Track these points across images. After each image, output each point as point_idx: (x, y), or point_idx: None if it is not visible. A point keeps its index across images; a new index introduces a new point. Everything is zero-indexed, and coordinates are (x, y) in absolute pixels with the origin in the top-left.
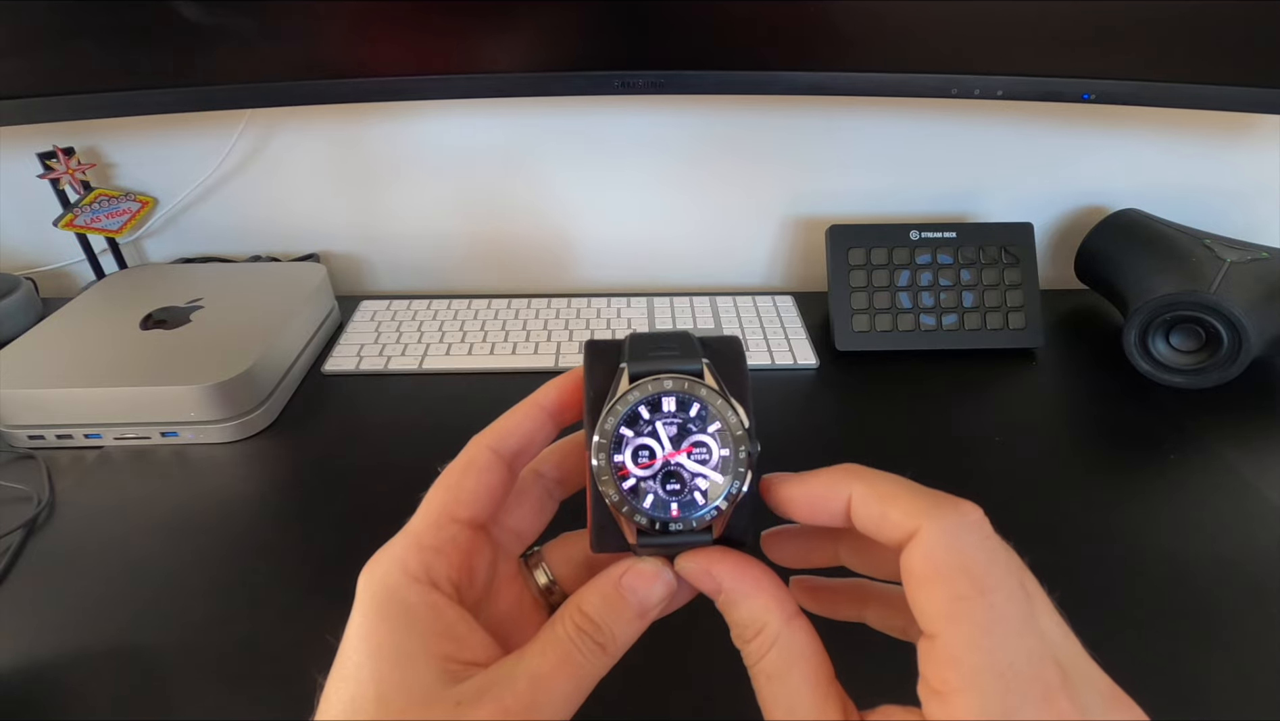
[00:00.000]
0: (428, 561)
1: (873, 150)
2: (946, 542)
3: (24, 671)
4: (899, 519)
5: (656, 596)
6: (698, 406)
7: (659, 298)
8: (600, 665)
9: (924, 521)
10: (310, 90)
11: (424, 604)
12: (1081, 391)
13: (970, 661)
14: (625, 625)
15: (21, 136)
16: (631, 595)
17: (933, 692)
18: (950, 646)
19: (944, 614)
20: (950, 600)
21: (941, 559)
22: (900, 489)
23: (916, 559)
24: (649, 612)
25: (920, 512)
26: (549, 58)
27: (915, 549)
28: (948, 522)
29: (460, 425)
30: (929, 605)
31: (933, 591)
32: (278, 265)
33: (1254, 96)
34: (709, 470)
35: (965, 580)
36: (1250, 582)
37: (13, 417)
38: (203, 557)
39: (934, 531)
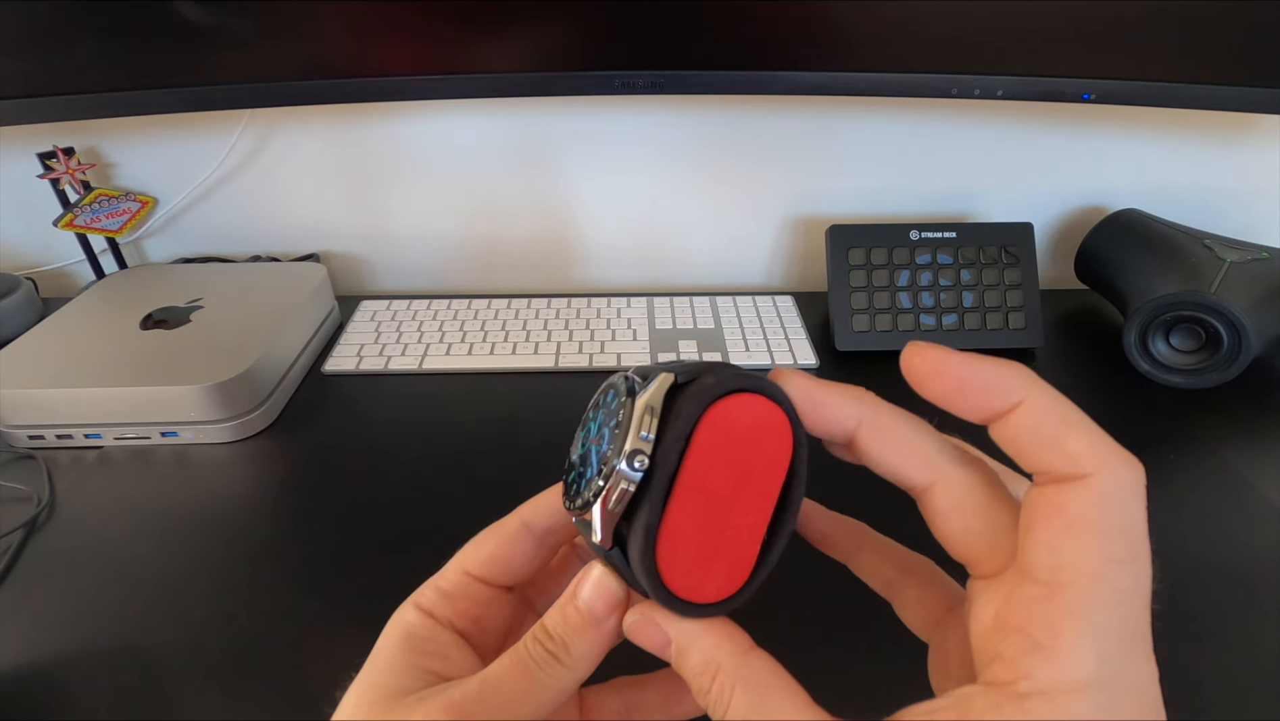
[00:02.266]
0: (435, 600)
1: (873, 150)
2: (1119, 500)
3: (24, 671)
4: (1079, 452)
5: (604, 603)
6: (616, 404)
7: (659, 298)
8: (557, 677)
9: (1102, 468)
10: (310, 90)
11: (421, 625)
12: (1081, 391)
13: (1100, 621)
14: (579, 636)
15: (21, 136)
16: (582, 603)
17: (1033, 645)
18: (1083, 601)
19: (1090, 570)
20: (1103, 559)
21: (1109, 516)
22: (1081, 417)
23: (1081, 504)
24: (601, 622)
25: (1101, 456)
26: (549, 58)
27: (1084, 495)
28: (1125, 478)
29: (460, 425)
30: (1074, 556)
31: (1087, 544)
32: (278, 265)
33: (1254, 96)
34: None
35: (1123, 544)
36: (1250, 582)
37: (13, 417)
38: (203, 557)
39: (1111, 484)
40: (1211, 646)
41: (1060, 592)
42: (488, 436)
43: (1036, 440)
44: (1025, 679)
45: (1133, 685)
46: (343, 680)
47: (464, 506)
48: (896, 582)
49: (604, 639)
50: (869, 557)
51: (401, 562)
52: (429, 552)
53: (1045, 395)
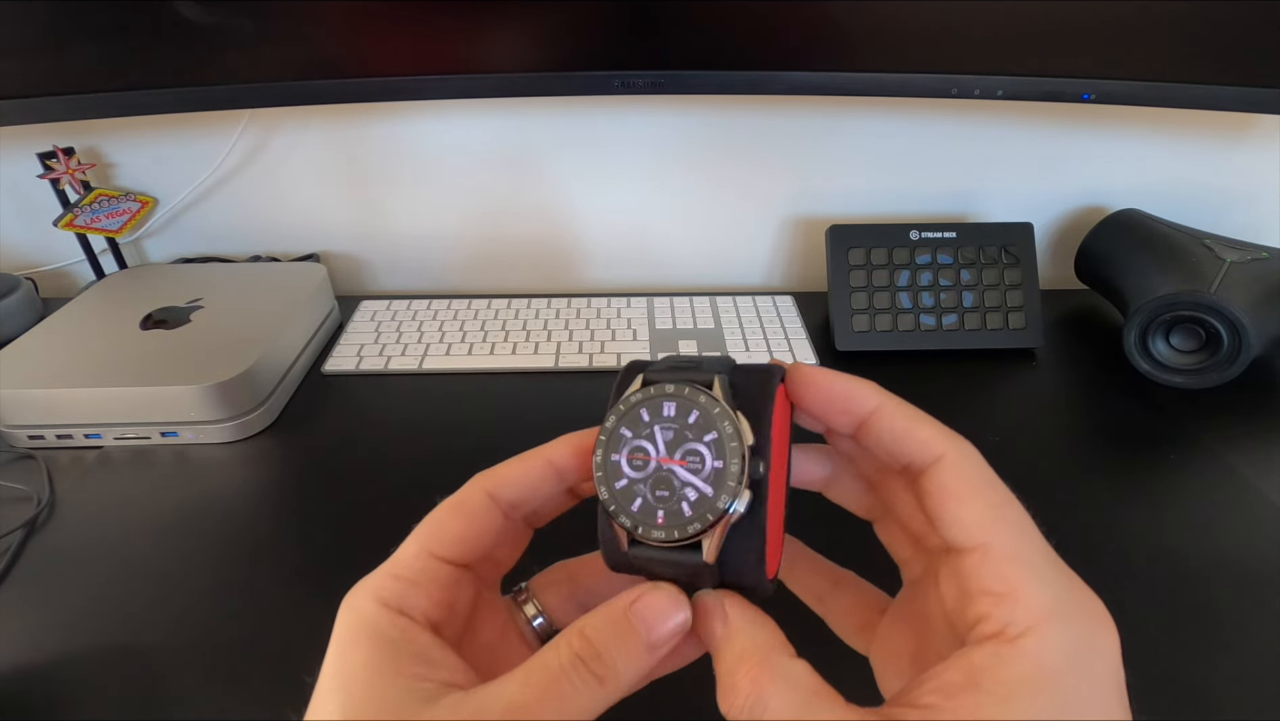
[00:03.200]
0: (402, 591)
1: (873, 150)
2: (972, 462)
3: (24, 671)
4: (929, 438)
5: (669, 629)
6: (696, 414)
7: (659, 298)
8: (593, 700)
9: (950, 446)
10: (310, 90)
11: (395, 627)
12: (1081, 391)
13: (1027, 555)
14: (630, 657)
15: (21, 136)
16: (641, 623)
17: (997, 597)
18: (1005, 547)
19: (990, 520)
20: (992, 507)
21: (975, 476)
22: (923, 413)
23: (952, 477)
24: (658, 647)
25: (945, 437)
26: (549, 57)
27: (948, 469)
28: (967, 448)
29: (460, 425)
30: (972, 516)
31: (974, 504)
32: (278, 265)
33: (1254, 96)
34: (698, 480)
35: (996, 491)
36: (1250, 582)
37: (13, 417)
38: (203, 557)
39: (962, 452)
40: (1212, 646)
41: (989, 548)
42: (488, 436)
43: (894, 437)
44: (1009, 625)
45: (1082, 600)
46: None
47: None
48: (827, 594)
49: (651, 663)
50: (801, 571)
51: None
52: None
53: (894, 400)
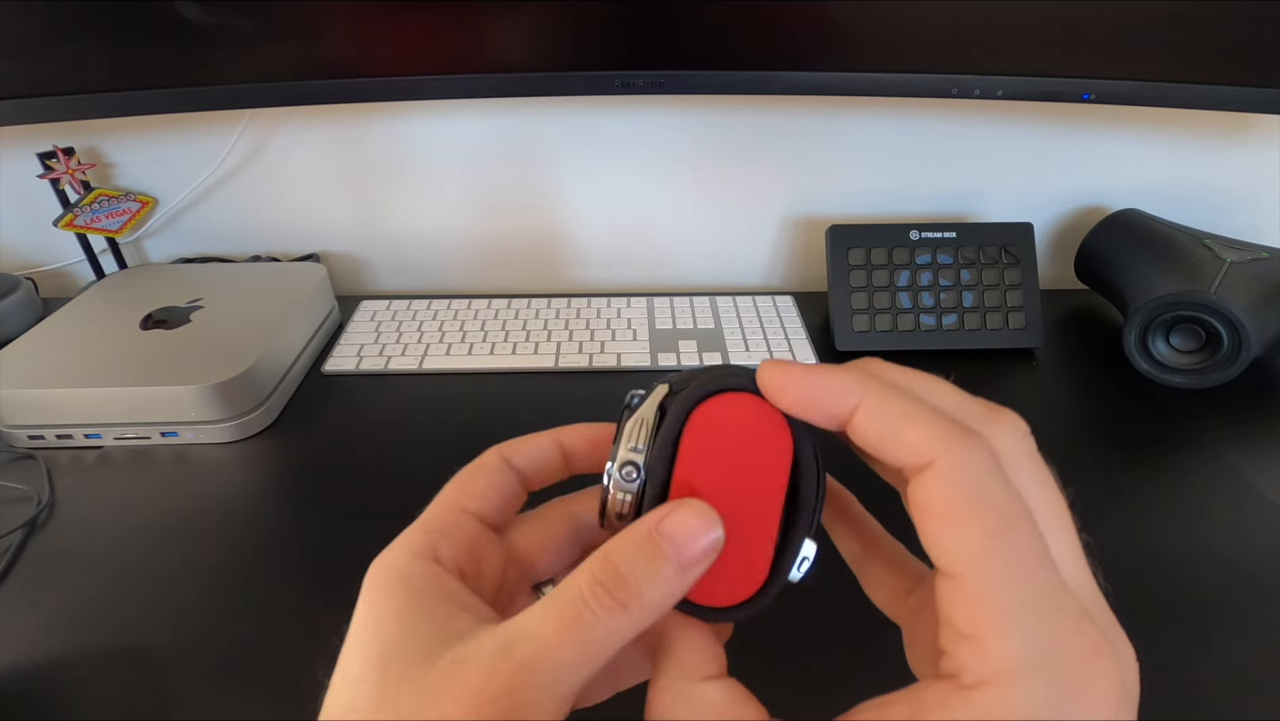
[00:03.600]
0: (432, 541)
1: (873, 150)
2: (968, 476)
3: (24, 671)
4: (916, 443)
5: (700, 548)
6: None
7: (659, 298)
8: (617, 628)
9: (942, 451)
10: (310, 90)
11: (425, 574)
12: (1081, 391)
13: (1007, 597)
14: (656, 580)
15: (21, 136)
16: (670, 544)
17: (960, 636)
18: (982, 583)
19: (972, 552)
20: (978, 537)
21: (965, 494)
22: (916, 408)
23: (937, 493)
24: (690, 569)
25: (939, 440)
26: (549, 57)
27: (935, 482)
28: (967, 455)
29: (460, 425)
30: (954, 543)
31: (959, 528)
32: (278, 265)
33: (1254, 96)
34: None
35: (991, 516)
36: (1250, 582)
37: (13, 417)
38: (203, 557)
39: (953, 463)
40: (1212, 646)
41: (962, 582)
42: (488, 436)
43: (880, 439)
44: (965, 670)
45: (1069, 658)
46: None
47: None
48: (862, 559)
49: (683, 586)
50: (844, 529)
51: None
52: None
53: (880, 394)
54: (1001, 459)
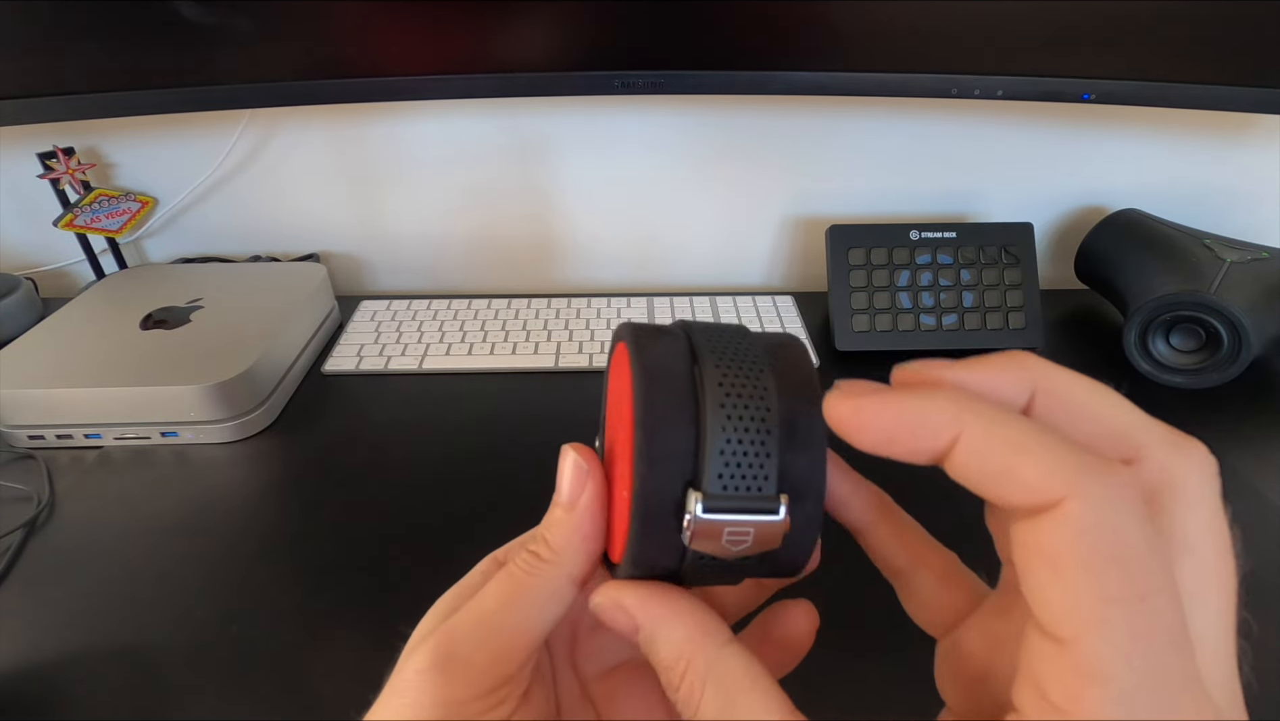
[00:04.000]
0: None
1: (873, 150)
2: (1101, 523)
3: (24, 671)
4: (1036, 479)
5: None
6: None
7: (659, 298)
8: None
9: (1073, 492)
10: (310, 90)
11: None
12: None
13: (1117, 683)
14: (552, 525)
15: (21, 136)
16: (557, 491)
17: (1049, 705)
18: (1091, 658)
19: (1088, 617)
20: (1099, 601)
21: (1092, 548)
22: (1034, 436)
23: (1057, 539)
24: (572, 505)
25: (1068, 476)
26: (549, 57)
27: (1056, 526)
28: (1103, 496)
29: (460, 425)
30: (1066, 601)
31: (1077, 584)
32: (278, 265)
33: (1254, 96)
34: None
35: (1121, 577)
36: (1249, 583)
37: (13, 417)
38: (203, 557)
39: (1085, 509)
40: None
41: (1067, 650)
42: (487, 436)
43: (987, 476)
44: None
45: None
46: (339, 677)
47: (464, 506)
48: (906, 572)
49: (579, 522)
50: (884, 534)
51: (401, 562)
52: (429, 552)
53: (982, 421)
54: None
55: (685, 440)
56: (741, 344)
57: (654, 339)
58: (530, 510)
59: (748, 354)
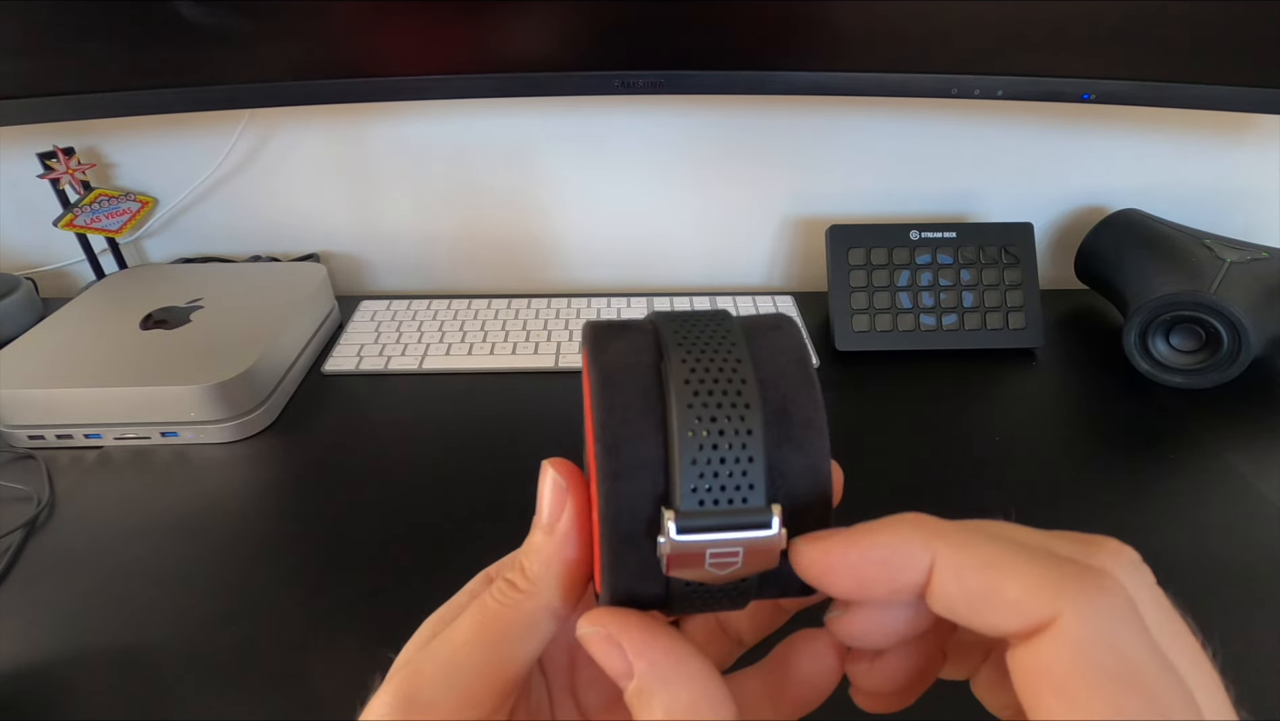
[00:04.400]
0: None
1: (873, 150)
2: (1102, 637)
3: (24, 671)
4: (1023, 597)
5: (546, 501)
6: None
7: (659, 298)
8: (519, 607)
9: (1065, 606)
10: (310, 90)
11: (469, 590)
12: (1081, 391)
13: None
14: (529, 551)
15: (21, 136)
16: (537, 512)
17: None
18: None
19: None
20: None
21: (1098, 665)
22: (1010, 551)
23: (1059, 661)
24: (551, 527)
25: (1056, 589)
26: (549, 57)
27: (1056, 648)
28: (1100, 605)
29: (460, 425)
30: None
31: (1087, 703)
32: (278, 265)
33: (1254, 96)
34: None
35: (1132, 691)
36: (1249, 583)
37: (13, 417)
38: (203, 557)
39: (1082, 623)
40: (1211, 646)
41: None
42: (488, 436)
43: (971, 602)
44: None
45: None
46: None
47: (464, 506)
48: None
49: (561, 547)
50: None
51: (401, 562)
52: (429, 552)
53: (953, 543)
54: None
55: (653, 449)
56: (717, 330)
57: (615, 335)
58: (530, 511)
59: (723, 341)
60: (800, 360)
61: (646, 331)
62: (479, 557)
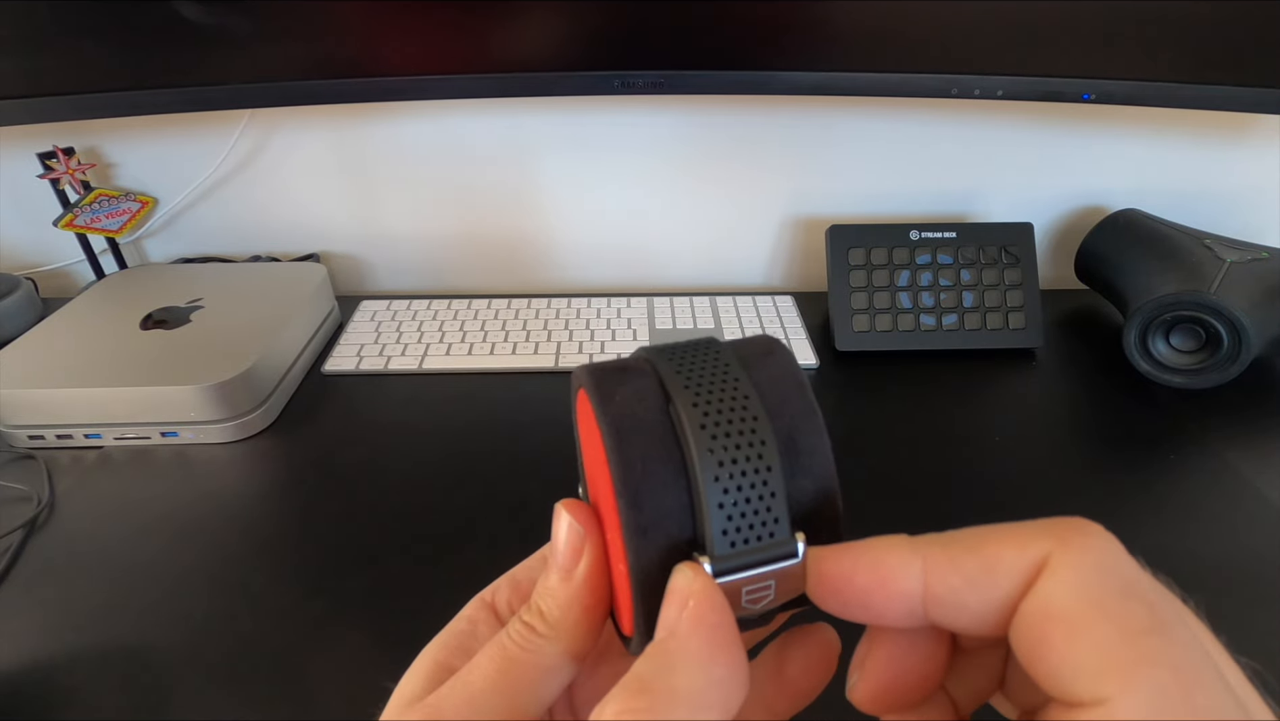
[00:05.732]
0: (500, 589)
1: (873, 150)
2: (1094, 562)
3: (24, 671)
4: (1016, 551)
5: (562, 544)
6: None
7: (659, 298)
8: (539, 652)
9: (1053, 546)
10: (310, 90)
11: (471, 617)
12: (1081, 391)
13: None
14: (546, 594)
15: (21, 136)
16: (552, 555)
17: None
18: (1135, 709)
19: (1119, 665)
20: (1129, 638)
21: (1095, 581)
22: (994, 530)
23: (1059, 591)
24: (568, 572)
25: (1047, 536)
26: (549, 57)
27: (1053, 582)
28: (1090, 542)
29: (460, 425)
30: (1090, 657)
31: (1095, 636)
32: (278, 265)
33: (1254, 96)
34: None
35: (1134, 602)
36: (1249, 582)
37: (13, 417)
38: (203, 557)
39: (1073, 553)
40: None
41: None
42: (488, 436)
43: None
44: None
45: None
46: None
47: (464, 507)
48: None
49: (580, 593)
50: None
51: (401, 563)
52: (429, 552)
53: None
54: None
55: (676, 497)
56: (715, 364)
57: (617, 382)
58: (529, 511)
59: (726, 376)
60: (800, 384)
61: (646, 373)
62: (478, 557)
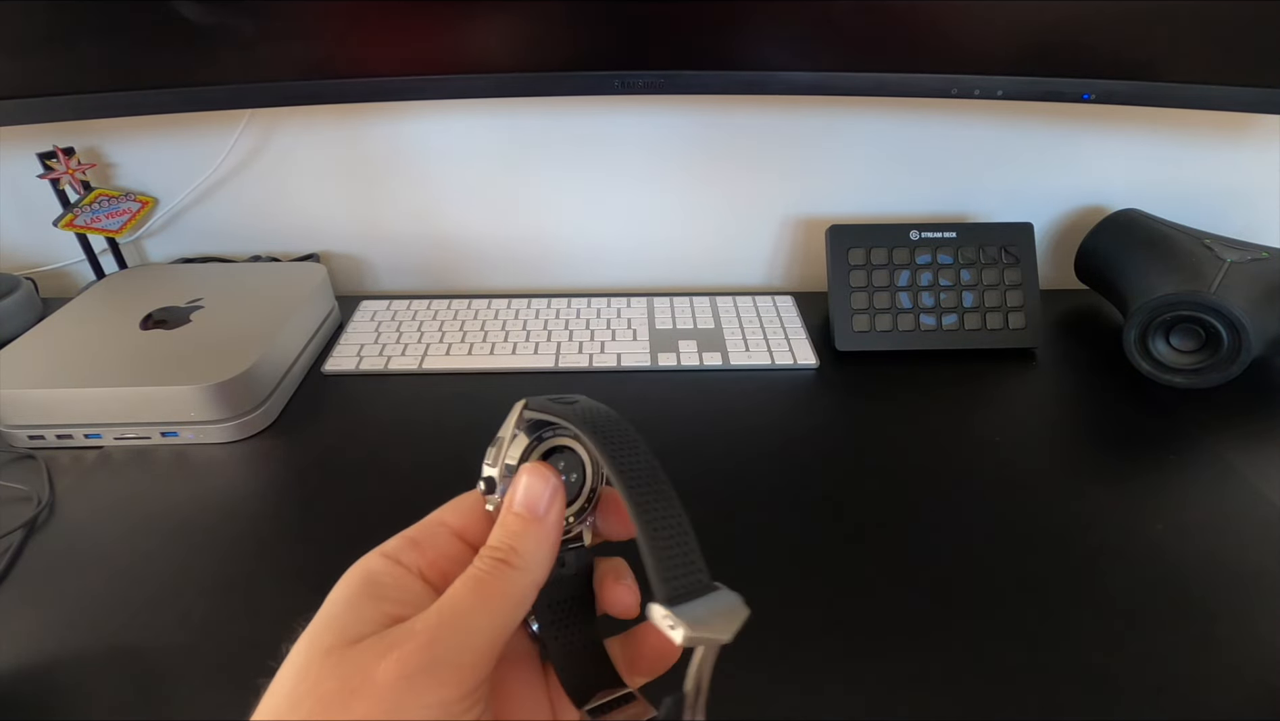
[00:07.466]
0: (402, 547)
1: (873, 150)
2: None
3: (24, 671)
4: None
5: (540, 499)
6: None
7: (659, 298)
8: (511, 582)
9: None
10: (310, 90)
11: (386, 571)
12: (1081, 391)
13: None
14: (523, 535)
15: (21, 136)
16: (519, 505)
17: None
18: None
19: None
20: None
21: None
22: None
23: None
24: (542, 517)
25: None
26: (549, 57)
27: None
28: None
29: (460, 425)
30: None
31: None
32: (278, 265)
33: (1254, 96)
34: None
35: None
36: (1250, 582)
37: (13, 417)
38: (203, 557)
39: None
40: (1211, 645)
41: None
42: (488, 437)
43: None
44: None
45: None
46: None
47: None
48: None
49: (547, 532)
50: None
51: None
52: None
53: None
54: None
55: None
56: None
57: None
58: None
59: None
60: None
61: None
62: None
